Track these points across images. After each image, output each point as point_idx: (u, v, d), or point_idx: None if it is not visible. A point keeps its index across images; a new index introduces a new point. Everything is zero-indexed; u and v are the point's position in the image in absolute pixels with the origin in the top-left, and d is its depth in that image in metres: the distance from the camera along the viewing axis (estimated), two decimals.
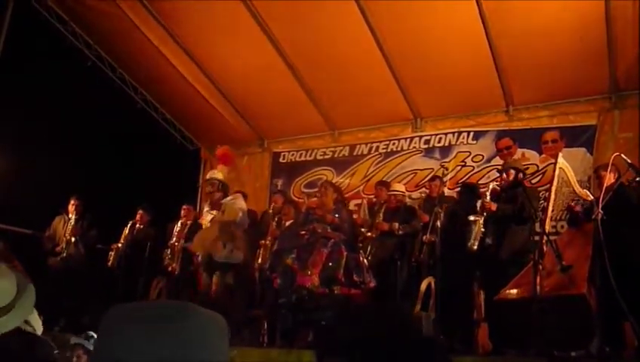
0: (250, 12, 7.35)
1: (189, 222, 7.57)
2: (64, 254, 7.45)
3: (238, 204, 6.31)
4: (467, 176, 8.01)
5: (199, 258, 6.38)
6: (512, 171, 5.67)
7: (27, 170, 8.47)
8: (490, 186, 5.74)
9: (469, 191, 6.54)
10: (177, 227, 7.56)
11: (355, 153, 9.12)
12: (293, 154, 9.68)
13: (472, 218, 5.48)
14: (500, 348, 5.15)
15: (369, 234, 6.73)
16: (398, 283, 6.09)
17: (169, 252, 7.44)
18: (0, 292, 2.09)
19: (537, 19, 6.62)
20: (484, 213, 5.48)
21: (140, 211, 7.92)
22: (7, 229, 7.95)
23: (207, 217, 6.29)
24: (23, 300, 2.20)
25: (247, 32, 7.62)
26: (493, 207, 5.44)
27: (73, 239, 7.49)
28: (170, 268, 7.41)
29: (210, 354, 0.97)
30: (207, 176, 6.59)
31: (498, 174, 6.10)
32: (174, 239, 7.48)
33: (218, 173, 6.48)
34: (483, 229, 5.43)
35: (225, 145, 8.10)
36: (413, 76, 7.90)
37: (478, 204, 6.38)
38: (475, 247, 5.45)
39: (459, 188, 7.59)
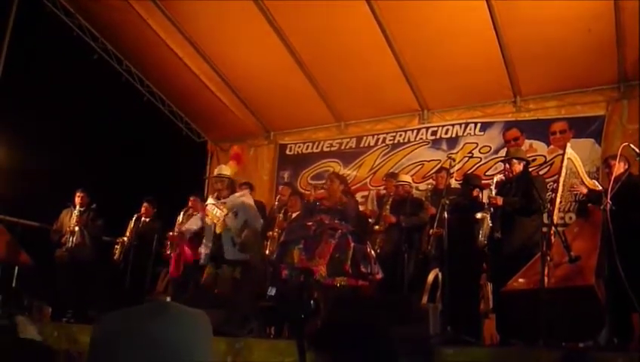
0: (257, 4, 7.33)
1: (195, 213, 7.57)
2: (69, 245, 7.46)
3: (246, 202, 6.27)
4: (474, 168, 7.99)
5: (202, 254, 6.35)
6: (516, 161, 5.64)
7: (35, 163, 8.51)
8: (495, 179, 5.70)
9: (469, 182, 6.49)
10: (180, 218, 7.57)
11: (361, 145, 9.10)
12: (299, 146, 9.67)
13: (479, 215, 5.44)
14: (508, 339, 5.14)
15: (377, 227, 6.72)
16: (406, 275, 6.09)
17: (168, 243, 7.46)
18: None
19: (545, 9, 6.57)
20: (491, 209, 5.45)
21: (145, 204, 7.92)
22: (15, 222, 8.00)
23: (213, 211, 6.26)
24: None
25: (254, 24, 7.60)
26: (500, 201, 5.41)
27: (77, 228, 7.50)
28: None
29: (188, 353, 0.98)
30: (216, 172, 6.51)
31: (502, 164, 6.06)
32: (175, 230, 7.50)
33: (227, 169, 6.44)
34: (491, 224, 5.40)
35: (238, 144, 8.15)
36: (420, 67, 7.87)
37: (483, 196, 6.37)
38: (485, 243, 5.44)
39: (460, 180, 7.56)
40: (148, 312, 1.00)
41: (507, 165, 5.69)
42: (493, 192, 5.52)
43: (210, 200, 6.38)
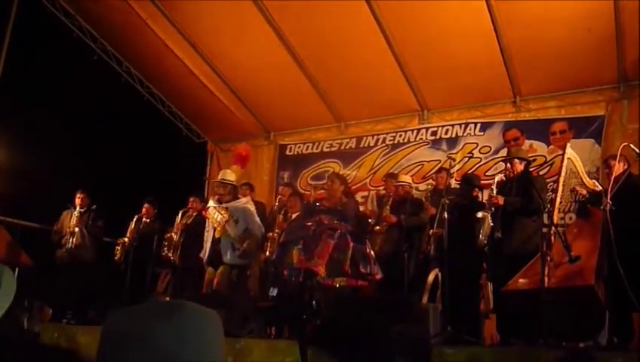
0: (257, 5, 7.33)
1: (194, 214, 7.58)
2: (69, 246, 7.47)
3: (248, 209, 6.28)
4: (474, 168, 7.98)
5: (205, 255, 6.37)
6: (517, 161, 5.63)
7: (35, 163, 8.51)
8: (496, 179, 5.70)
9: (468, 182, 6.48)
10: (178, 218, 7.57)
11: (361, 145, 9.10)
12: (299, 147, 9.67)
13: (479, 215, 5.43)
14: (508, 339, 5.14)
15: (377, 228, 6.71)
16: (406, 275, 6.08)
17: (166, 243, 7.47)
18: None
19: (545, 9, 6.57)
20: (492, 208, 5.45)
21: (146, 205, 7.92)
22: (16, 223, 8.01)
23: (214, 214, 6.26)
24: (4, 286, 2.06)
25: (253, 25, 7.60)
26: (501, 201, 5.40)
27: (77, 229, 7.50)
28: (172, 260, 7.45)
29: (201, 352, 0.98)
30: (220, 177, 6.52)
31: (503, 165, 6.05)
32: (173, 231, 7.51)
33: (231, 175, 6.44)
34: (492, 224, 5.39)
35: (243, 143, 8.22)
36: (420, 67, 7.87)
37: (482, 196, 6.36)
38: (485, 242, 5.43)
39: (460, 180, 7.54)
40: (159, 311, 0.99)
41: (509, 165, 5.68)
42: (494, 192, 5.51)
43: (211, 203, 6.39)
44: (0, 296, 1.98)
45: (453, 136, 8.38)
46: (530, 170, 6.05)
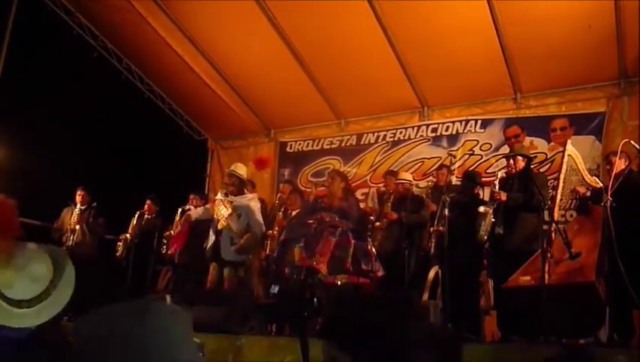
0: (257, 2, 7.33)
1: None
2: (70, 243, 7.47)
3: (252, 206, 6.30)
4: (475, 165, 7.97)
5: (207, 249, 6.38)
6: (520, 158, 5.62)
7: (35, 162, 8.51)
8: (499, 175, 5.69)
9: (470, 179, 6.47)
10: (177, 216, 7.58)
11: (362, 142, 9.10)
12: (300, 144, 9.67)
13: (481, 209, 5.42)
14: (509, 336, 5.14)
15: (377, 224, 6.71)
16: (406, 272, 6.08)
17: (165, 241, 7.48)
18: (34, 278, 1.84)
19: (546, 6, 6.57)
20: (494, 204, 5.44)
21: (148, 201, 7.93)
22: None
23: (219, 207, 6.27)
24: (64, 279, 1.96)
25: (254, 22, 7.60)
26: (503, 196, 5.39)
27: (78, 227, 7.50)
28: (172, 257, 7.46)
29: (173, 349, 1.00)
30: (231, 168, 6.57)
31: (505, 161, 6.03)
32: (173, 228, 7.52)
33: (242, 168, 6.47)
34: (493, 219, 5.39)
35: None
36: (420, 64, 7.86)
37: (483, 192, 6.36)
38: (486, 238, 5.43)
39: (461, 177, 7.53)
40: (131, 312, 1.01)
41: (511, 161, 5.66)
42: (497, 188, 5.50)
43: (219, 196, 6.42)
44: (62, 286, 1.91)
45: (454, 133, 8.37)
46: (531, 167, 6.05)
